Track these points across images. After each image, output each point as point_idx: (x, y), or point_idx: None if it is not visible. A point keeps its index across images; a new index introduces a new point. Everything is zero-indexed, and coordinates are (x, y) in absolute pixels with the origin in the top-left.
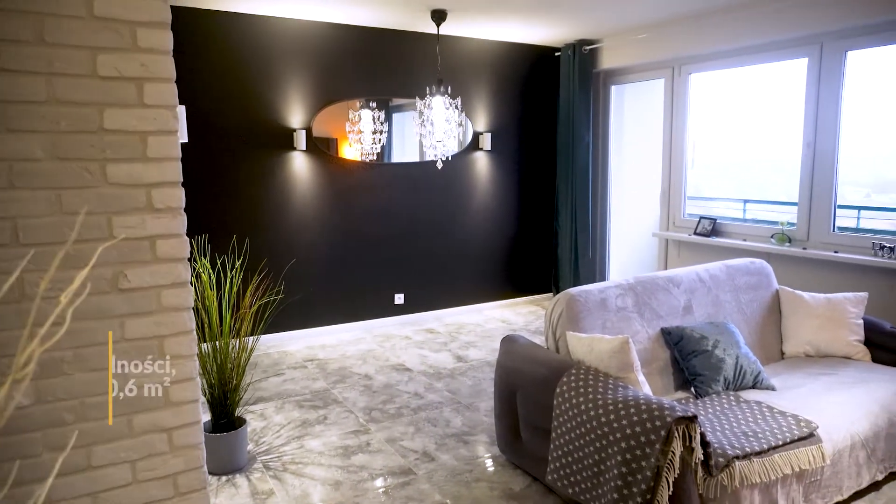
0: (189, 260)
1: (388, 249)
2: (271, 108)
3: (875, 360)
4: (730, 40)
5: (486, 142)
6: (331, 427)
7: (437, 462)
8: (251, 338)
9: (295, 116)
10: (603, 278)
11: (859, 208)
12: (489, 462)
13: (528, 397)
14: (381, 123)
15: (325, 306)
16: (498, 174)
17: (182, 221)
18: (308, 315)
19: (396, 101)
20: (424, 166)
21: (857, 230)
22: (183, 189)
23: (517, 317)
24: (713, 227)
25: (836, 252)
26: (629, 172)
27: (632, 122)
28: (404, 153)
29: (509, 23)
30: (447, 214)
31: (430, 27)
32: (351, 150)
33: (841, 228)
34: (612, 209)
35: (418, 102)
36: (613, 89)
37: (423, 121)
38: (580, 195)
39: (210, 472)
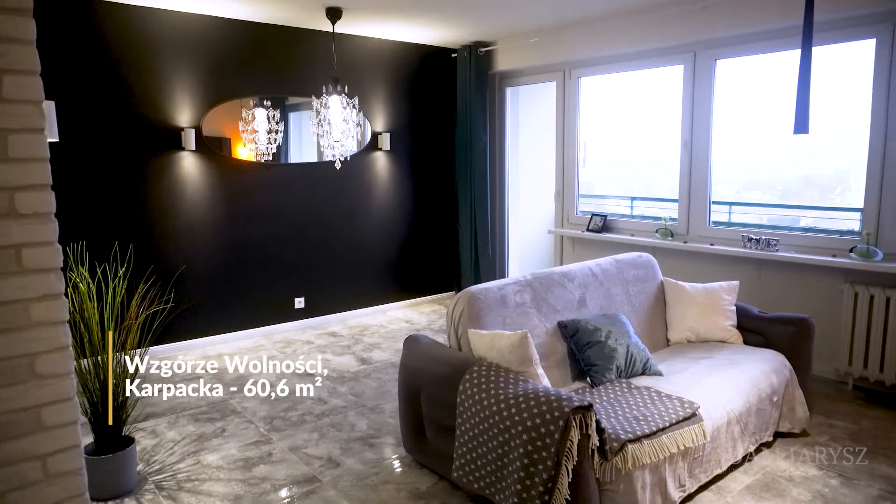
0: (63, 269)
1: (286, 253)
2: (156, 106)
3: (746, 342)
4: (614, 46)
5: (385, 142)
6: (229, 439)
7: (342, 467)
8: (139, 350)
9: (182, 115)
10: (503, 275)
11: (730, 204)
12: (396, 463)
13: (432, 396)
14: (277, 123)
15: (222, 313)
16: (398, 174)
17: (53, 228)
18: (203, 323)
19: (293, 100)
20: (323, 167)
21: (730, 224)
22: (53, 193)
23: (421, 316)
24: (604, 224)
25: (711, 244)
26: (525, 172)
27: (527, 122)
28: (302, 153)
29: (406, 23)
30: (347, 215)
31: (325, 25)
32: (245, 151)
33: (715, 223)
34: (509, 208)
35: (315, 101)
36: (508, 91)
37: (319, 120)
38: (479, 195)
39: (94, 499)
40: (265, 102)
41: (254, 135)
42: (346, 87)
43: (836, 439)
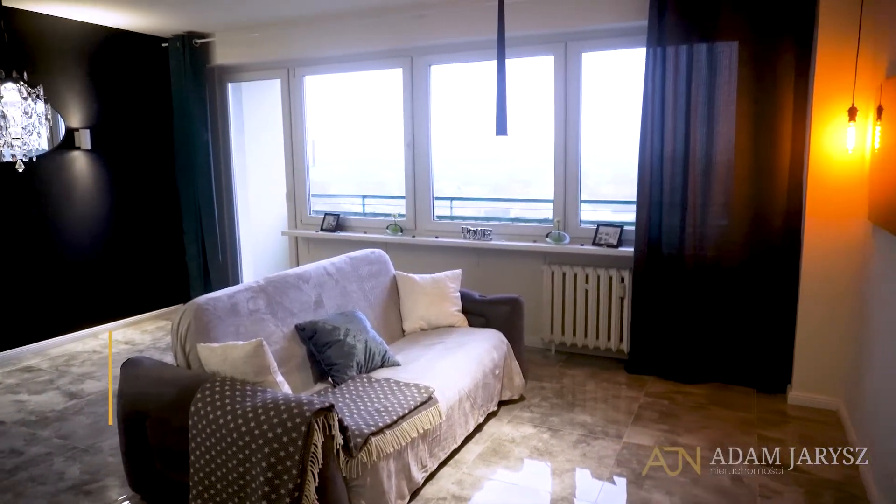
0: None
1: None
2: None
3: (471, 324)
4: (336, 47)
5: (84, 139)
6: None
7: None
8: None
9: None
10: (237, 282)
11: (452, 199)
12: None
13: (160, 423)
14: None
15: None
16: (105, 176)
17: None
18: None
19: None
20: (1, 170)
21: (452, 218)
22: None
23: (144, 336)
24: (338, 223)
25: (436, 237)
26: (255, 172)
27: (254, 121)
28: None
29: (99, 5)
30: (41, 226)
31: None
32: None
33: (439, 217)
34: (239, 210)
35: None
36: (230, 87)
37: None
38: (203, 197)
39: None
40: None
41: None
42: (26, 74)
43: (546, 399)
